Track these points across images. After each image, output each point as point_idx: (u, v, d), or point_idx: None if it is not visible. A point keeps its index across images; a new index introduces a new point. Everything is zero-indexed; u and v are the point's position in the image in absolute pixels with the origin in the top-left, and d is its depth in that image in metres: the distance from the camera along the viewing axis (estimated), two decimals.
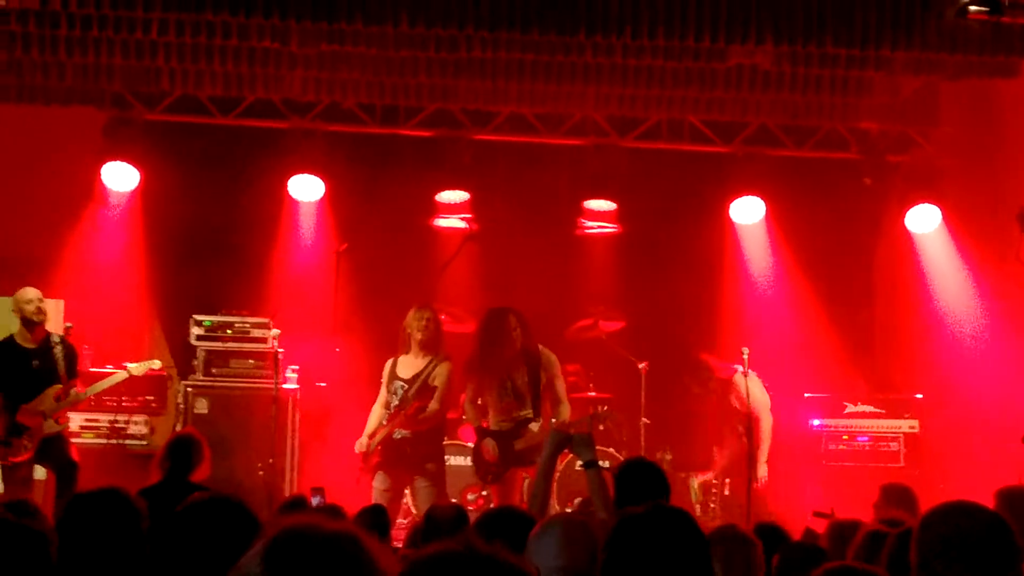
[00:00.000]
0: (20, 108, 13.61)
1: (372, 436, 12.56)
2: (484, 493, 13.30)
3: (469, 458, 13.17)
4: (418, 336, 12.63)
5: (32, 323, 12.42)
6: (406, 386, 12.57)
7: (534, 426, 12.44)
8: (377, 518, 8.26)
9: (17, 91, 13.57)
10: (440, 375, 12.56)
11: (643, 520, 4.37)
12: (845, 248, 15.29)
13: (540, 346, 12.62)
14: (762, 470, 13.49)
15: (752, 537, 6.01)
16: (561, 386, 12.61)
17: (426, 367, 12.60)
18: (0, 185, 9.12)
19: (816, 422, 14.34)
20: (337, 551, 2.57)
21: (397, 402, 12.55)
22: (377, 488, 12.45)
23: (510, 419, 12.54)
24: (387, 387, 12.71)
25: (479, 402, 12.82)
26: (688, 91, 13.65)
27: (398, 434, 12.47)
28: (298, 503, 8.76)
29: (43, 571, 4.96)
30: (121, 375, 13.04)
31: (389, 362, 12.84)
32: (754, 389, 13.42)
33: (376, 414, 12.75)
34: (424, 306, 12.85)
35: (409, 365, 12.68)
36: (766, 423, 13.65)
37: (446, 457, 13.20)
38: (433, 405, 12.48)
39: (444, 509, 7.92)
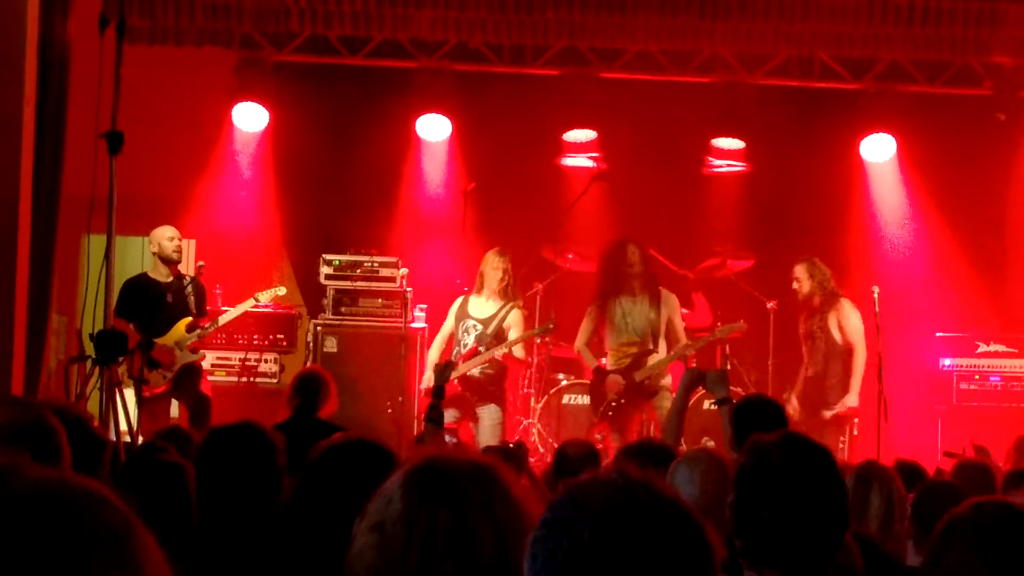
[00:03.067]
0: (152, 50, 13.72)
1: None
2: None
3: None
4: (495, 280, 12.74)
5: (169, 260, 12.53)
6: (480, 326, 12.67)
7: (653, 357, 12.49)
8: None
9: (150, 33, 13.70)
10: (514, 319, 12.70)
11: (776, 447, 4.30)
12: (978, 185, 14.99)
13: (660, 287, 12.66)
14: (852, 399, 13.26)
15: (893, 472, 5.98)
16: (680, 324, 12.68)
17: (499, 311, 12.71)
18: (132, 127, 9.14)
19: (947, 362, 14.15)
20: (477, 481, 2.58)
21: (471, 341, 12.66)
22: None
23: (628, 355, 12.59)
24: (457, 323, 12.85)
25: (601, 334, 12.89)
26: (818, 26, 13.48)
27: (471, 371, 12.60)
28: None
29: (182, 503, 5.05)
30: (249, 303, 13.20)
31: (459, 299, 13.02)
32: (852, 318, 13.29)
33: (437, 348, 12.94)
34: (503, 251, 12.94)
35: (481, 307, 12.82)
36: (861, 353, 13.38)
37: (573, 395, 13.27)
38: (518, 351, 12.71)
39: (577, 445, 7.92)
